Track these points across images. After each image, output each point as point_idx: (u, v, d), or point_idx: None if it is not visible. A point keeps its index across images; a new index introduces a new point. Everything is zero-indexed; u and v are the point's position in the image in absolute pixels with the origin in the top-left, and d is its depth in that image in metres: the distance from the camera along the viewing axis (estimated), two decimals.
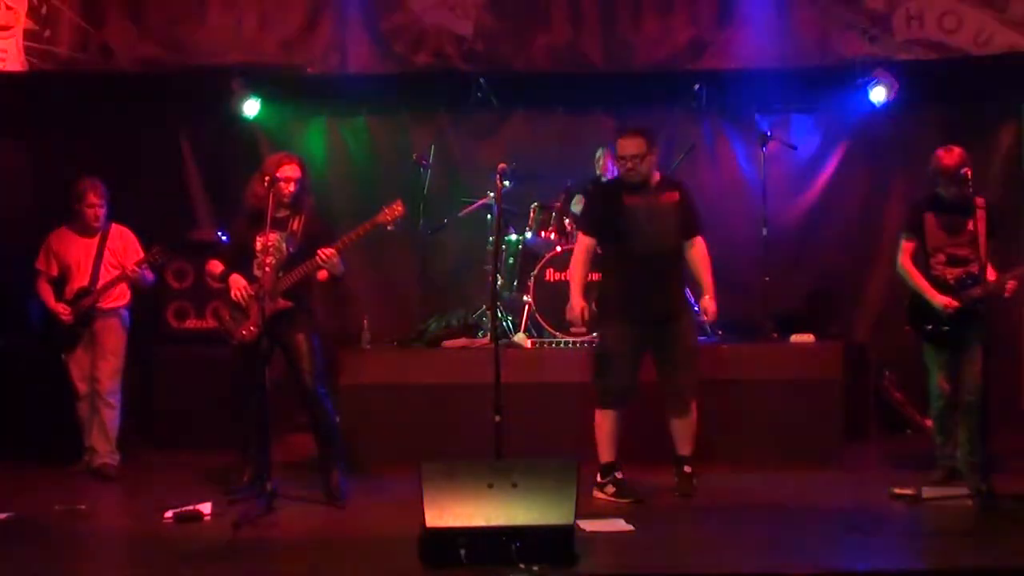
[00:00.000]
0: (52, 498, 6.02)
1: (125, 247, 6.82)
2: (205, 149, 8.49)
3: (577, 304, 5.89)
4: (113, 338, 6.77)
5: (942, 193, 5.88)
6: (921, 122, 8.26)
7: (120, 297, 6.81)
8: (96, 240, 6.77)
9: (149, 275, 6.84)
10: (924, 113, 8.24)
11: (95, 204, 6.69)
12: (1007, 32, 7.48)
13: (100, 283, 6.69)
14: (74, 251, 6.76)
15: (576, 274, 5.97)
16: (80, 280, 6.71)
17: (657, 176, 6.01)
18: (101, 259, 6.74)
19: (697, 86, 8.16)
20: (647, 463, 6.60)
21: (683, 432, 6.00)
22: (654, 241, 5.80)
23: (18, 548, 5.19)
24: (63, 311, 6.67)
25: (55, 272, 6.77)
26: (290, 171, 5.99)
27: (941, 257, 5.93)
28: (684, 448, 6.01)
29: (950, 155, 5.85)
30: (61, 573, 4.95)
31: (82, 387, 6.76)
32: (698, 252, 5.97)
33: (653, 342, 5.88)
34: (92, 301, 6.68)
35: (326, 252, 5.79)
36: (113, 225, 6.84)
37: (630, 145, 5.83)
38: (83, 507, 5.84)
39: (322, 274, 5.96)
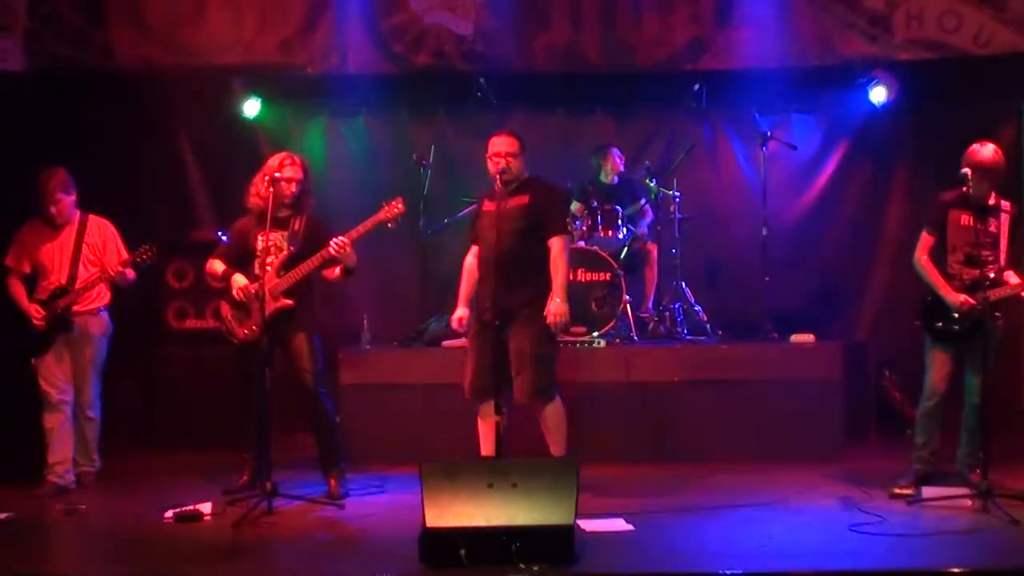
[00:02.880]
0: (52, 498, 6.04)
1: (105, 242, 6.40)
2: (205, 149, 8.49)
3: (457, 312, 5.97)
4: (92, 347, 6.37)
5: (968, 192, 5.79)
6: (921, 122, 8.26)
7: (99, 298, 6.37)
8: (72, 234, 6.33)
9: (130, 274, 6.36)
10: (924, 113, 8.24)
11: (53, 199, 6.24)
12: (1007, 32, 7.49)
13: (79, 283, 6.25)
14: (48, 247, 6.31)
15: (461, 280, 6.06)
16: (56, 278, 6.27)
17: (521, 180, 5.91)
18: (79, 255, 6.30)
19: (697, 86, 8.16)
20: (645, 463, 6.63)
21: (546, 432, 5.82)
22: (491, 244, 5.73)
23: (18, 548, 5.19)
24: (36, 313, 6.22)
25: (27, 269, 6.33)
26: (291, 171, 5.99)
27: (960, 256, 5.85)
28: (554, 442, 5.81)
29: (984, 151, 5.76)
30: (61, 573, 4.95)
31: (52, 395, 6.24)
32: (552, 253, 5.81)
33: (501, 343, 5.75)
34: (69, 302, 6.23)
35: (339, 241, 5.78)
36: (91, 217, 6.42)
37: (503, 143, 5.89)
38: (83, 507, 5.84)
39: (333, 271, 5.95)
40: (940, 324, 5.85)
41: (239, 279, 5.94)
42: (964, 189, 5.73)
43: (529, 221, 5.80)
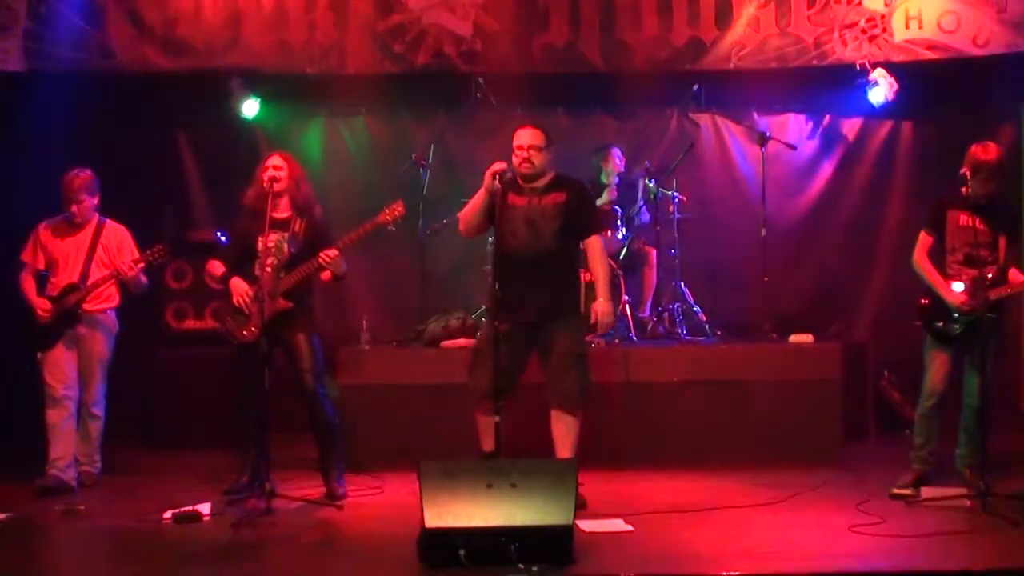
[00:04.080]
0: (52, 498, 6.03)
1: (119, 246, 6.46)
2: (205, 149, 8.50)
3: None
4: (100, 345, 6.40)
5: (967, 192, 5.77)
6: (920, 122, 8.27)
7: (109, 299, 6.44)
8: (88, 236, 6.40)
9: (143, 278, 6.43)
10: (923, 113, 8.25)
11: (76, 199, 6.30)
12: (1006, 32, 7.48)
13: (90, 281, 6.30)
14: (63, 245, 6.37)
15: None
16: (68, 276, 6.32)
17: (550, 176, 5.83)
18: (93, 256, 6.36)
19: (696, 86, 8.16)
20: (644, 464, 6.63)
21: (562, 436, 5.74)
22: (527, 242, 5.62)
23: (18, 548, 5.19)
24: (44, 306, 6.26)
25: (42, 265, 6.39)
26: (272, 162, 6.01)
27: (959, 256, 5.84)
28: (563, 452, 5.71)
29: (987, 151, 5.73)
30: (60, 573, 4.95)
31: (57, 390, 6.25)
32: (591, 254, 5.77)
33: (531, 344, 5.70)
34: (79, 298, 6.27)
35: (329, 253, 5.80)
36: (108, 222, 6.50)
37: (527, 135, 5.73)
38: (83, 507, 5.84)
39: (325, 274, 5.96)
40: (940, 324, 5.85)
41: (239, 284, 5.94)
42: (963, 189, 5.73)
43: (567, 220, 5.72)
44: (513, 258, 5.62)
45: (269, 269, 5.84)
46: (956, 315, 5.77)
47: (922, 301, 5.93)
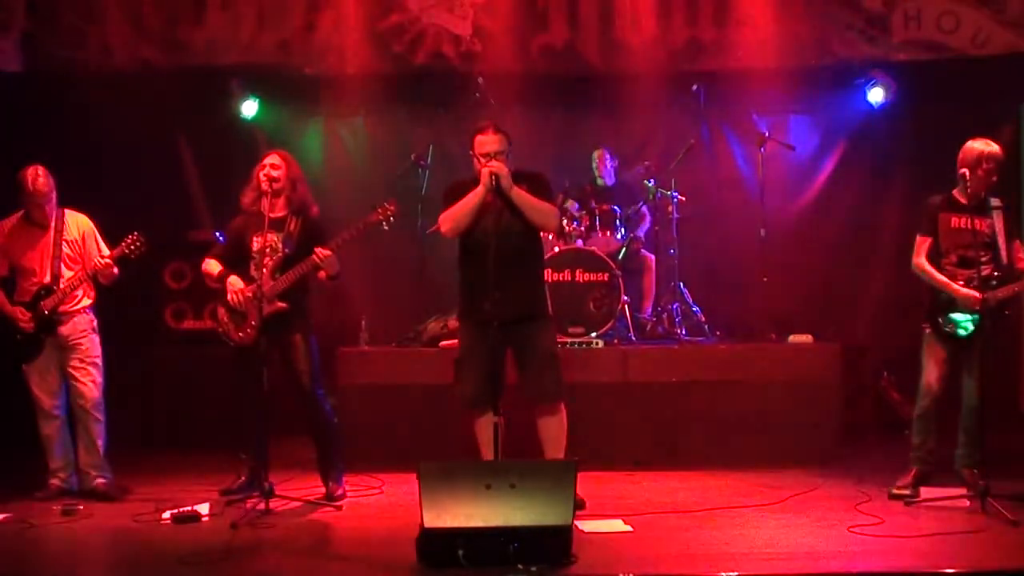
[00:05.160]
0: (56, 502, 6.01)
1: (84, 237, 6.13)
2: (203, 150, 8.50)
3: None
4: (89, 345, 6.09)
5: (962, 193, 5.75)
6: (919, 123, 8.27)
7: (84, 297, 6.12)
8: (48, 232, 6.05)
9: (115, 269, 6.06)
10: (922, 113, 8.25)
11: (47, 199, 6.00)
12: (1005, 32, 7.50)
13: (64, 282, 6.00)
14: (27, 246, 6.04)
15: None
16: (39, 279, 6.01)
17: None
18: (60, 253, 6.03)
19: (695, 87, 8.17)
20: (643, 464, 6.62)
21: (552, 436, 5.71)
22: (498, 239, 5.47)
23: (17, 548, 5.18)
24: (23, 316, 5.98)
25: (4, 271, 6.06)
26: (269, 160, 5.98)
27: (953, 258, 5.82)
28: (554, 452, 5.68)
29: (990, 144, 5.71)
30: (60, 573, 4.94)
31: (45, 401, 6.05)
32: None
33: (508, 344, 5.63)
34: (56, 303, 5.99)
35: (323, 252, 5.79)
36: (66, 212, 6.12)
37: (491, 142, 5.65)
38: (82, 507, 5.83)
39: (321, 274, 5.95)
40: (950, 327, 5.81)
41: (235, 282, 5.92)
42: (955, 192, 5.73)
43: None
44: (485, 257, 5.46)
45: (265, 270, 5.83)
46: (966, 314, 5.72)
47: (931, 302, 5.90)
